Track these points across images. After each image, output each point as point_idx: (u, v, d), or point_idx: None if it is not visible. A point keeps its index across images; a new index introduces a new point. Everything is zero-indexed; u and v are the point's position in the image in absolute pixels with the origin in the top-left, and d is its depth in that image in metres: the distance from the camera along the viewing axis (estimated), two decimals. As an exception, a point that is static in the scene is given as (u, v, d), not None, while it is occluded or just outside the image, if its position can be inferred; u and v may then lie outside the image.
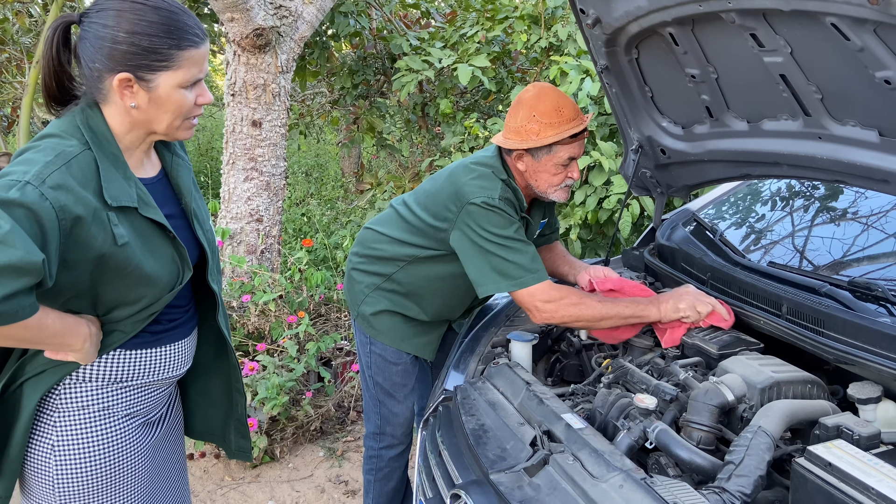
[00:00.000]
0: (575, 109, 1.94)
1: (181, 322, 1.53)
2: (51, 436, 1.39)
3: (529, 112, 1.92)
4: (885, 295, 1.57)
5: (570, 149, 1.94)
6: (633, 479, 1.24)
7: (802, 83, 1.55)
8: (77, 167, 1.23)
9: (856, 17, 1.26)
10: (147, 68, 1.27)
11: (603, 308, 1.84)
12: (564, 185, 2.01)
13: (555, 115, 1.90)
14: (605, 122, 3.73)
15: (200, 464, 3.17)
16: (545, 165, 1.95)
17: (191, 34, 1.30)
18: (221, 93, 13.46)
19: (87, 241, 1.23)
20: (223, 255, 3.81)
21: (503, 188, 1.95)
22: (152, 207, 1.34)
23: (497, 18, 4.26)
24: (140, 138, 1.37)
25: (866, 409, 1.46)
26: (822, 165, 1.69)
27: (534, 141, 1.92)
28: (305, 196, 7.76)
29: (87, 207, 1.21)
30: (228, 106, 3.84)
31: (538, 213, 2.20)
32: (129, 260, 1.29)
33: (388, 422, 2.31)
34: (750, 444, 1.31)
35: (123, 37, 1.24)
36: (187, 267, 1.43)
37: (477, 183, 1.96)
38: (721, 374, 1.60)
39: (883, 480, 1.12)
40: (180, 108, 1.33)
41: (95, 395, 1.41)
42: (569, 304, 1.85)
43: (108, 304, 1.35)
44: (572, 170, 1.99)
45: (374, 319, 2.23)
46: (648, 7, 1.65)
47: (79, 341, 1.31)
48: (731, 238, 2.19)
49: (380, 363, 2.26)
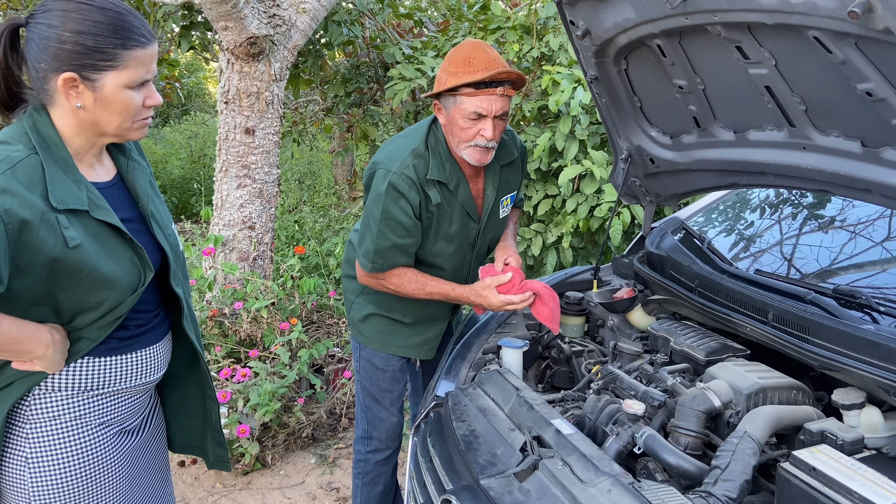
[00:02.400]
0: (487, 62, 1.87)
1: (150, 328, 1.51)
2: (24, 448, 1.38)
3: (445, 63, 1.94)
4: (868, 303, 1.60)
5: (474, 101, 1.87)
6: (621, 483, 1.26)
7: (787, 95, 1.58)
8: (23, 171, 1.23)
9: (837, 31, 1.29)
10: (92, 68, 1.28)
11: (411, 289, 2.05)
12: (475, 143, 1.93)
13: (463, 64, 1.88)
14: (595, 132, 3.76)
15: (191, 471, 3.16)
16: (454, 117, 1.92)
17: (137, 34, 1.31)
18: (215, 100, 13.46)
19: (36, 245, 1.23)
20: (216, 262, 3.82)
21: (409, 162, 1.96)
22: (105, 210, 1.34)
23: (489, 28, 4.29)
24: (90, 141, 1.37)
25: (850, 414, 1.48)
26: (806, 175, 1.72)
27: (438, 88, 1.93)
28: (298, 203, 7.76)
29: (34, 211, 1.22)
30: (222, 113, 3.85)
31: (493, 181, 2.12)
32: (83, 262, 1.28)
33: (375, 426, 2.33)
34: (736, 448, 1.33)
35: (68, 36, 1.25)
36: (148, 268, 1.42)
37: (389, 151, 2.02)
38: (708, 381, 1.62)
39: (866, 484, 1.15)
40: (127, 108, 1.34)
41: (67, 404, 1.40)
42: (378, 284, 2.10)
43: (70, 310, 1.34)
44: (485, 127, 1.90)
45: (362, 325, 2.27)
46: (636, 19, 1.67)
47: (40, 347, 1.30)
48: (719, 246, 2.22)
49: (368, 368, 2.29)
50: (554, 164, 3.81)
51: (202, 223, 6.63)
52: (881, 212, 2.03)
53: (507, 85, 1.90)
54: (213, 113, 12.85)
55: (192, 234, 6.54)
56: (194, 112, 13.62)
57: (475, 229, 2.12)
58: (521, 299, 1.95)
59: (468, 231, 2.11)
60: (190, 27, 4.90)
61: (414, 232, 2.00)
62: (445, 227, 2.06)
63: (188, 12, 4.80)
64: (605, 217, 3.56)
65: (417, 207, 1.97)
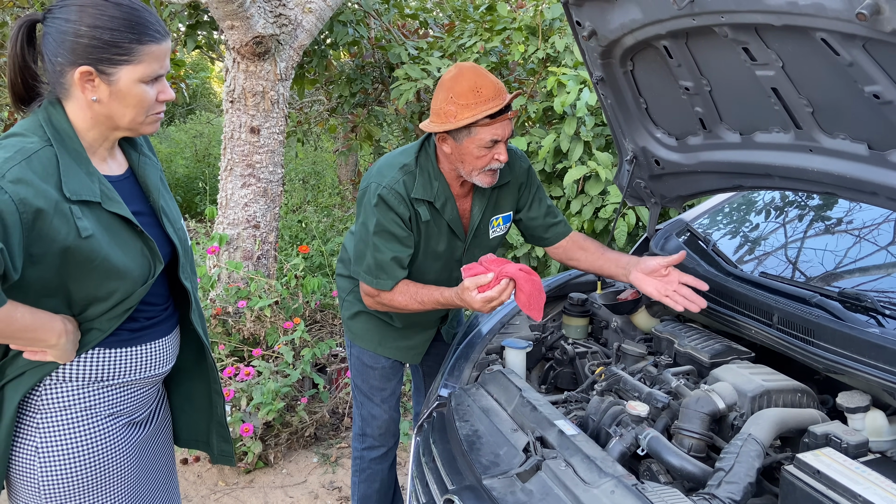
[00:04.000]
0: (495, 89, 1.86)
1: (159, 320, 1.53)
2: (34, 437, 1.40)
3: (447, 94, 1.88)
4: (874, 306, 1.59)
5: (490, 130, 1.87)
6: (624, 485, 1.25)
7: (794, 96, 1.57)
8: (38, 162, 1.25)
9: (845, 33, 1.29)
10: (108, 62, 1.30)
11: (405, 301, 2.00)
12: (489, 168, 1.93)
13: (472, 95, 1.84)
14: (601, 133, 3.76)
15: (194, 468, 3.17)
16: (468, 148, 1.90)
17: (152, 30, 1.34)
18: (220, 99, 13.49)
19: (50, 234, 1.25)
20: (220, 260, 3.82)
21: (398, 178, 1.97)
22: (117, 202, 1.36)
23: (495, 29, 4.29)
24: (103, 135, 1.39)
25: (855, 417, 1.48)
26: (812, 177, 1.71)
27: (451, 123, 1.87)
28: (302, 203, 7.77)
29: (49, 201, 1.24)
30: (227, 112, 3.86)
31: (481, 202, 2.11)
32: (95, 253, 1.30)
33: (368, 423, 2.35)
34: (740, 451, 1.33)
35: (85, 30, 1.28)
36: (158, 260, 1.44)
37: (376, 168, 2.02)
38: (712, 383, 1.61)
39: (870, 488, 1.14)
40: (141, 102, 1.36)
41: (77, 394, 1.42)
42: (377, 304, 2.07)
43: (82, 301, 1.36)
44: (499, 152, 1.91)
45: (352, 323, 2.29)
46: (643, 20, 1.67)
47: (53, 336, 1.32)
48: (724, 248, 2.22)
49: (358, 366, 2.32)
50: (559, 166, 3.81)
51: (206, 222, 6.64)
52: (887, 215, 2.02)
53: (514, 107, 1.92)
54: (218, 112, 12.87)
55: (197, 232, 6.55)
56: (199, 111, 13.66)
57: (461, 248, 2.13)
58: (499, 290, 1.78)
59: (454, 249, 2.12)
60: (196, 26, 4.92)
61: (408, 243, 2.00)
62: (433, 245, 2.07)
63: (194, 11, 4.81)
64: (609, 218, 3.56)
65: (408, 221, 1.99)
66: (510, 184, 2.15)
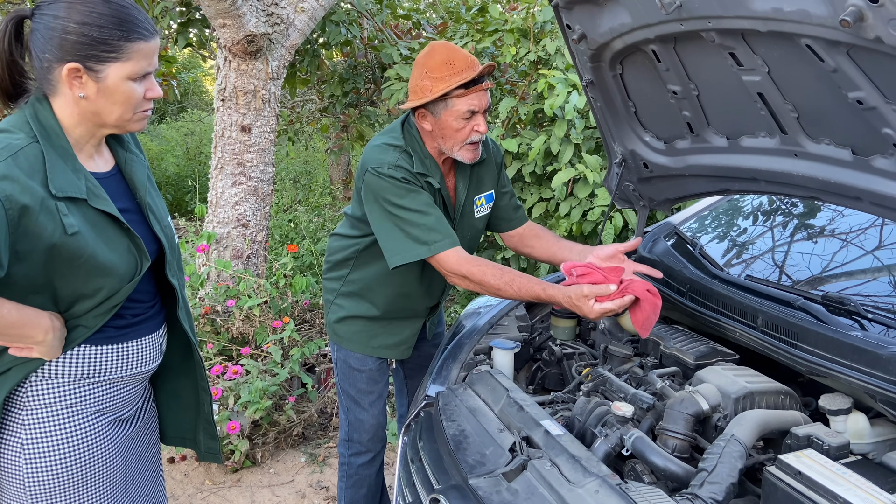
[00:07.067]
0: (467, 61, 1.91)
1: (146, 317, 1.53)
2: (20, 434, 1.39)
3: (421, 70, 1.93)
4: (857, 309, 1.61)
5: (466, 101, 1.91)
6: (608, 484, 1.26)
7: (779, 102, 1.59)
8: (24, 159, 1.25)
9: (829, 40, 1.30)
10: (96, 59, 1.30)
11: (497, 284, 1.87)
12: (470, 140, 1.96)
13: (445, 68, 1.89)
14: (590, 136, 3.78)
15: (181, 467, 3.16)
16: (446, 121, 1.94)
17: (140, 27, 1.34)
18: (211, 98, 13.42)
19: (36, 230, 1.25)
20: (209, 259, 3.81)
21: (396, 157, 1.97)
22: (103, 199, 1.36)
23: (487, 31, 4.31)
24: (90, 132, 1.39)
25: (837, 420, 1.49)
26: (798, 182, 1.73)
27: (427, 97, 1.91)
28: (293, 202, 7.75)
29: (34, 197, 1.24)
30: (218, 111, 3.85)
31: (464, 180, 2.13)
32: (81, 249, 1.30)
33: (356, 429, 2.33)
34: (723, 452, 1.34)
35: (74, 27, 1.28)
36: (144, 257, 1.44)
37: (372, 153, 2.01)
38: (697, 384, 1.63)
39: (850, 489, 1.16)
40: (129, 100, 1.36)
41: (63, 391, 1.42)
42: (461, 279, 1.91)
43: (68, 298, 1.36)
44: (478, 123, 1.94)
45: (338, 326, 2.27)
46: (632, 24, 1.68)
47: (40, 332, 1.32)
48: (711, 251, 2.23)
49: (345, 370, 2.29)
50: (549, 168, 3.82)
51: (196, 220, 6.61)
52: (872, 220, 2.04)
53: (489, 78, 1.97)
54: (209, 110, 12.82)
55: (187, 231, 6.52)
56: (191, 109, 13.60)
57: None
58: (620, 305, 1.75)
59: None
60: (188, 24, 4.90)
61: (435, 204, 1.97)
62: None
63: (186, 9, 4.79)
64: (597, 221, 3.57)
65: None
66: (488, 161, 2.18)
